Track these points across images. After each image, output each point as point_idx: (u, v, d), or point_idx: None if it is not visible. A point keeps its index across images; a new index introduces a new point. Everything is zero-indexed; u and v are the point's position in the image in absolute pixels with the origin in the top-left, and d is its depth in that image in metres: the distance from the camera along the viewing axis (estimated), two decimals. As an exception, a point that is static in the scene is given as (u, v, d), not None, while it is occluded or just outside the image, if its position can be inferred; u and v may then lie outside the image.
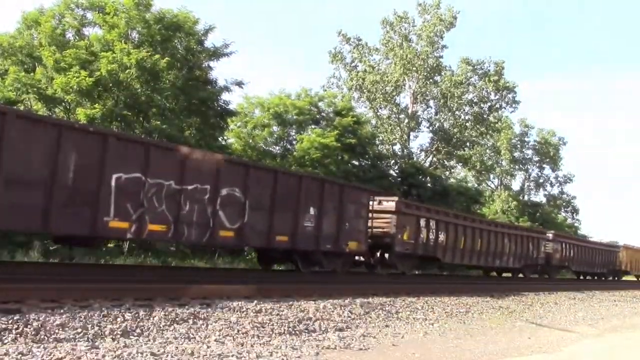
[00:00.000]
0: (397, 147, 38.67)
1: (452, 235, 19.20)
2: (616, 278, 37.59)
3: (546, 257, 26.26)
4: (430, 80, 37.78)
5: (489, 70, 38.95)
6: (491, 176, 53.95)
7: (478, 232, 21.01)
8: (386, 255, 16.87)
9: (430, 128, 39.50)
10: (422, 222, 17.76)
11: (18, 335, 5.84)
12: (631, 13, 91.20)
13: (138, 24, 19.99)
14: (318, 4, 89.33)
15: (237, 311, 8.25)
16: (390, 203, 16.75)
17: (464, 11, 73.27)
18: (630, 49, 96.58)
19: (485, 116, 39.03)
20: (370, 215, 15.57)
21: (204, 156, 11.32)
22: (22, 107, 18.95)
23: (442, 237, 18.52)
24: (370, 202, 15.63)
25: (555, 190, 56.90)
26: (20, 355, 5.21)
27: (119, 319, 6.86)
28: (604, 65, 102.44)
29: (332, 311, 9.35)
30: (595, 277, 35.35)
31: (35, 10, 21.41)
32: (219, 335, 6.95)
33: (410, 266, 18.67)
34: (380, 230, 16.35)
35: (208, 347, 6.29)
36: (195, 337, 6.74)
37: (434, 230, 18.18)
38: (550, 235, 27.48)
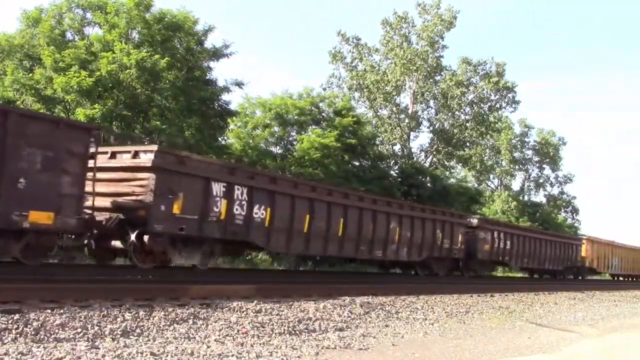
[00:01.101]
0: (397, 147, 38.75)
1: (284, 211, 13.01)
2: (580, 277, 31.68)
3: (467, 249, 20.75)
4: (431, 80, 37.79)
5: (490, 71, 38.96)
6: (491, 176, 53.99)
7: (340, 209, 14.73)
8: (145, 238, 10.70)
9: (431, 128, 39.55)
10: (216, 188, 11.56)
11: (18, 335, 5.84)
12: (631, 12, 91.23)
13: (138, 24, 20.00)
14: (318, 4, 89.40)
15: (237, 311, 8.25)
16: (146, 156, 10.79)
17: (464, 11, 73.38)
18: (630, 48, 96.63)
19: (485, 116, 39.03)
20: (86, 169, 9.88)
21: None
22: (21, 108, 18.97)
23: (260, 213, 12.41)
24: (92, 148, 9.97)
25: (555, 191, 57.00)
26: (20, 355, 5.21)
27: (119, 319, 6.86)
28: (604, 65, 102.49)
29: (332, 311, 9.36)
30: (548, 276, 30.03)
31: (36, 10, 21.42)
32: (219, 335, 6.95)
33: (196, 255, 12.17)
34: (129, 198, 10.75)
35: (208, 347, 6.30)
36: (195, 337, 6.74)
37: (245, 203, 12.11)
38: (474, 220, 22.02)
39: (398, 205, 17.96)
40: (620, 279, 39.18)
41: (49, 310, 6.71)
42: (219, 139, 23.26)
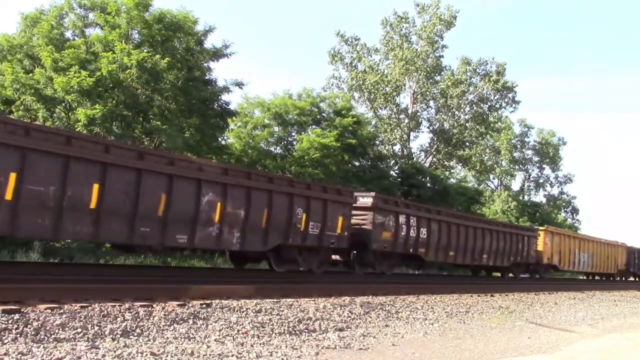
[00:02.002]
0: (397, 148, 38.77)
1: None
2: (537, 275, 27.36)
3: (355, 237, 15.59)
4: (430, 80, 37.81)
5: (490, 71, 38.96)
6: (491, 176, 54.00)
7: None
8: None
9: (430, 128, 39.56)
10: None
11: (18, 335, 5.84)
12: (632, 12, 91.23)
13: (138, 24, 20.00)
14: (317, 4, 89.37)
15: (237, 311, 8.25)
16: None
17: (465, 11, 73.44)
18: (630, 48, 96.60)
19: (485, 116, 39.04)
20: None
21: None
22: (20, 107, 18.95)
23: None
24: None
25: (555, 191, 57.01)
26: (20, 355, 5.21)
27: (119, 319, 6.86)
28: (605, 65, 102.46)
29: (332, 311, 9.36)
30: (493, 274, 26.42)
31: (36, 11, 21.42)
32: (219, 335, 6.95)
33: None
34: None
35: (208, 347, 6.30)
36: (195, 337, 6.74)
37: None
38: (366, 199, 16.13)
39: (217, 171, 11.97)
40: (597, 278, 35.14)
41: (49, 310, 6.71)
42: (219, 139, 23.26)
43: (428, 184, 31.01)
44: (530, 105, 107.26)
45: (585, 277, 35.33)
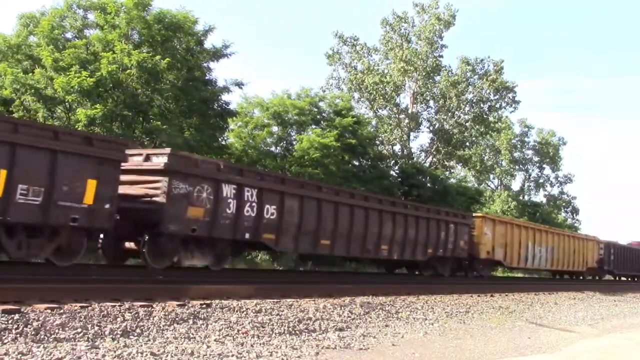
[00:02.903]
0: (397, 148, 38.75)
1: None
2: (476, 273, 21.74)
3: (130, 213, 10.99)
4: (430, 80, 37.78)
5: (487, 70, 38.90)
6: (491, 176, 54.00)
7: None
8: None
9: (430, 128, 39.55)
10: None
11: (18, 335, 5.84)
12: (632, 12, 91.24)
13: (138, 24, 20.00)
14: (319, 4, 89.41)
15: (237, 311, 8.25)
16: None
17: (465, 11, 73.45)
18: (631, 48, 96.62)
19: (485, 116, 39.02)
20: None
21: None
22: (20, 107, 18.94)
23: None
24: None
25: (555, 191, 57.01)
26: (20, 355, 5.21)
27: (119, 319, 6.86)
28: (605, 64, 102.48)
29: (332, 311, 9.36)
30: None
31: (35, 12, 21.44)
32: (219, 335, 6.95)
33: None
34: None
35: (208, 347, 6.30)
36: (195, 337, 6.74)
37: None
38: (159, 158, 11.24)
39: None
40: (559, 277, 31.40)
41: (49, 311, 6.71)
42: (219, 139, 23.26)
43: (428, 184, 30.99)
44: (530, 105, 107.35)
45: (538, 276, 32.57)
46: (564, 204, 56.63)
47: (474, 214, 22.51)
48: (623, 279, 38.98)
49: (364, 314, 9.70)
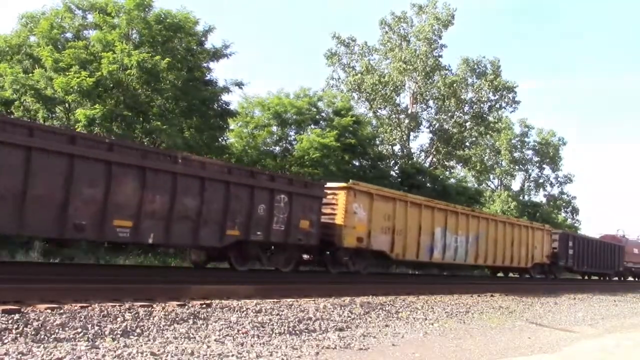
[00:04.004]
0: (397, 148, 38.76)
1: None
2: (346, 269, 15.87)
3: None
4: (430, 80, 37.78)
5: (485, 70, 38.87)
6: (491, 176, 54.01)
7: None
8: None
9: (430, 128, 39.55)
10: None
11: (18, 335, 5.84)
12: (632, 11, 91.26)
13: (139, 25, 20.00)
14: (319, 4, 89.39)
15: (237, 311, 8.25)
16: None
17: (465, 11, 73.43)
18: (631, 48, 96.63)
19: (485, 116, 39.01)
20: None
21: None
22: (20, 108, 18.94)
23: None
24: None
25: (555, 191, 57.02)
26: (20, 355, 5.21)
27: (119, 319, 6.86)
28: (605, 65, 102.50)
29: (332, 311, 9.36)
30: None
31: (35, 12, 21.44)
32: (219, 335, 6.95)
33: None
34: None
35: (208, 347, 6.30)
36: (195, 337, 6.74)
37: None
38: None
39: None
40: (492, 275, 26.73)
41: (49, 311, 6.71)
42: (220, 139, 23.26)
43: (428, 184, 31.00)
44: (530, 105, 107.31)
45: (481, 273, 27.25)
46: (564, 204, 56.64)
47: (332, 184, 15.68)
48: (598, 277, 34.74)
49: (364, 314, 9.70)
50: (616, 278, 36.42)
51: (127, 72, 18.78)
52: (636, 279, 40.89)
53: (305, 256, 15.69)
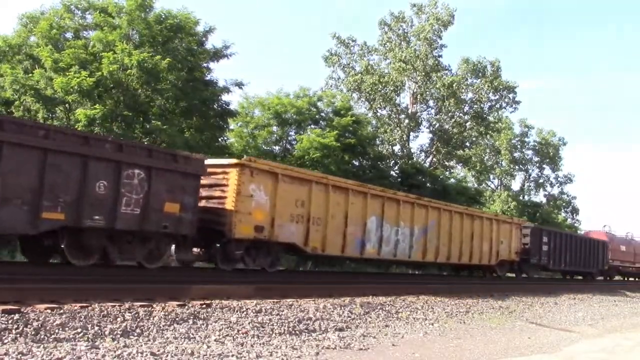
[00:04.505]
0: (397, 148, 38.75)
1: None
2: (240, 266, 13.28)
3: None
4: (429, 80, 37.76)
5: (485, 70, 38.83)
6: (491, 176, 54.02)
7: None
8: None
9: (430, 128, 39.55)
10: None
11: (18, 335, 5.84)
12: (632, 11, 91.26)
13: (139, 25, 20.01)
14: (319, 4, 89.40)
15: (237, 311, 8.25)
16: None
17: (465, 10, 73.46)
18: (632, 48, 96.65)
19: (485, 116, 39.00)
20: None
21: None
22: (20, 108, 18.93)
23: None
24: None
25: (555, 191, 57.01)
26: (20, 355, 5.21)
27: (119, 319, 6.86)
28: (606, 64, 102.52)
29: (332, 311, 9.36)
30: None
31: (35, 12, 21.43)
32: (219, 335, 6.95)
33: None
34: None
35: (208, 347, 6.30)
36: (195, 337, 6.74)
37: None
38: None
39: None
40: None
41: (49, 311, 6.71)
42: (220, 139, 23.27)
43: (428, 184, 30.99)
44: (530, 105, 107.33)
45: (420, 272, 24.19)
46: (564, 204, 56.63)
47: (218, 160, 13.53)
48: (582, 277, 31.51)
49: (364, 314, 9.70)
50: (601, 277, 33.11)
51: (127, 72, 18.78)
52: (629, 279, 39.02)
53: (195, 250, 12.87)
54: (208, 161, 12.47)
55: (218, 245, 12.80)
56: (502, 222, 22.49)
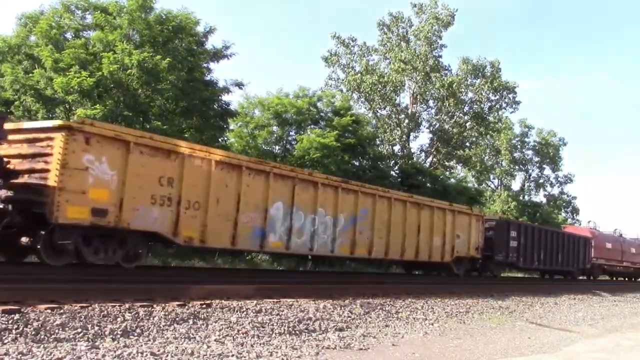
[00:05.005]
0: (396, 148, 38.76)
1: None
2: (47, 261, 10.12)
3: None
4: (429, 80, 37.76)
5: (485, 70, 38.82)
6: (491, 176, 54.04)
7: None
8: None
9: (430, 128, 39.56)
10: None
11: (18, 335, 5.84)
12: (632, 11, 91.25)
13: (140, 25, 20.02)
14: (319, 4, 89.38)
15: (237, 311, 8.25)
16: None
17: (465, 10, 73.44)
18: (632, 47, 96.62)
19: (485, 116, 39.00)
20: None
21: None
22: (20, 108, 18.94)
23: None
24: None
25: (555, 191, 57.03)
26: (20, 355, 5.21)
27: (119, 319, 6.86)
28: (606, 64, 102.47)
29: (332, 311, 9.36)
30: None
31: (34, 12, 21.44)
32: (219, 335, 6.95)
33: None
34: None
35: (208, 347, 6.30)
36: (195, 337, 6.74)
37: None
38: None
39: None
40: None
41: (49, 311, 6.71)
42: (219, 139, 23.28)
43: (428, 184, 31.00)
44: (530, 105, 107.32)
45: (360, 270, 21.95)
46: (564, 204, 56.65)
47: (36, 123, 11.00)
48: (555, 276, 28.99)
49: (364, 314, 9.70)
50: (584, 277, 30.56)
51: (127, 72, 18.79)
52: (623, 279, 36.62)
53: (24, 240, 10.19)
54: (28, 124, 10.35)
55: (43, 232, 9.78)
56: (458, 213, 19.54)
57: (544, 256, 25.04)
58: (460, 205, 21.07)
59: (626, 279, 37.66)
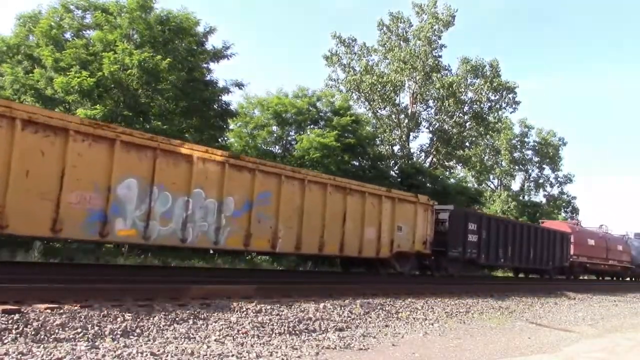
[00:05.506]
0: (396, 148, 38.76)
1: None
2: None
3: None
4: (429, 80, 37.76)
5: (484, 71, 38.80)
6: (491, 176, 54.05)
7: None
8: None
9: (430, 128, 39.56)
10: None
11: (18, 335, 5.84)
12: (632, 11, 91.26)
13: (140, 25, 20.02)
14: (319, 4, 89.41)
15: (237, 311, 8.25)
16: None
17: (465, 10, 73.45)
18: (632, 47, 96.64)
19: (484, 116, 39.00)
20: None
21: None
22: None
23: None
24: None
25: (555, 191, 57.04)
26: (20, 355, 5.21)
27: (119, 319, 6.86)
28: (606, 64, 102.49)
29: (332, 311, 9.36)
30: None
31: (34, 12, 21.44)
32: (219, 335, 6.95)
33: None
34: None
35: (208, 347, 6.30)
36: (195, 337, 6.74)
37: None
38: None
39: None
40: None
41: (49, 311, 6.71)
42: (219, 139, 23.29)
43: (428, 184, 30.99)
44: (530, 105, 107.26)
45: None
46: (564, 204, 56.66)
47: None
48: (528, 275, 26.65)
49: (364, 314, 9.70)
50: (564, 276, 27.94)
51: (127, 72, 18.79)
52: (614, 278, 34.25)
53: None
54: None
55: None
56: (399, 201, 16.44)
57: (512, 252, 21.90)
58: (402, 192, 17.79)
59: (614, 278, 35.33)
